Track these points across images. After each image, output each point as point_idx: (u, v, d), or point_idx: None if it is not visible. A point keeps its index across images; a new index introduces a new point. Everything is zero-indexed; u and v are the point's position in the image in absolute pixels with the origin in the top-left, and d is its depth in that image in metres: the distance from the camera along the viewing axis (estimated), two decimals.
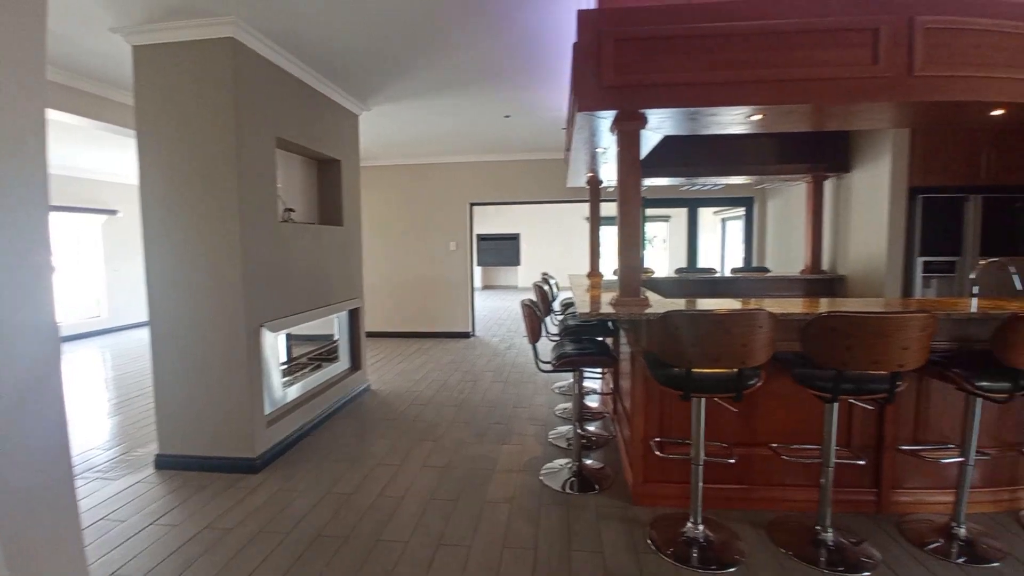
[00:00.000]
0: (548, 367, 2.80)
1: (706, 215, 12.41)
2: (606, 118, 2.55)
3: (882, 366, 1.91)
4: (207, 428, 3.14)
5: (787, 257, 5.92)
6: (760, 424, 2.58)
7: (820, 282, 4.57)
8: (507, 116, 5.32)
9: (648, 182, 5.28)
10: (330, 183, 4.47)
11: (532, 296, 3.42)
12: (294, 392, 3.72)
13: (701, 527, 2.33)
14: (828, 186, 4.70)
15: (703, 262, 10.36)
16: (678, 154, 4.79)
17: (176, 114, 3.02)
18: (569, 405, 4.15)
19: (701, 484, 2.29)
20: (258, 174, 3.20)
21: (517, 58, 3.64)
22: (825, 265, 4.71)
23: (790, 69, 2.27)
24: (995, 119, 2.70)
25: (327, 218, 4.45)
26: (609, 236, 3.68)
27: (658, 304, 2.60)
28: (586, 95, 2.35)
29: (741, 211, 7.59)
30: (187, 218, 3.05)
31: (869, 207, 4.11)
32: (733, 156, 4.80)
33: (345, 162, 4.47)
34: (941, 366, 2.19)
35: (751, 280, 4.74)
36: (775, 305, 2.57)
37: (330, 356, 4.49)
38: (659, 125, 2.75)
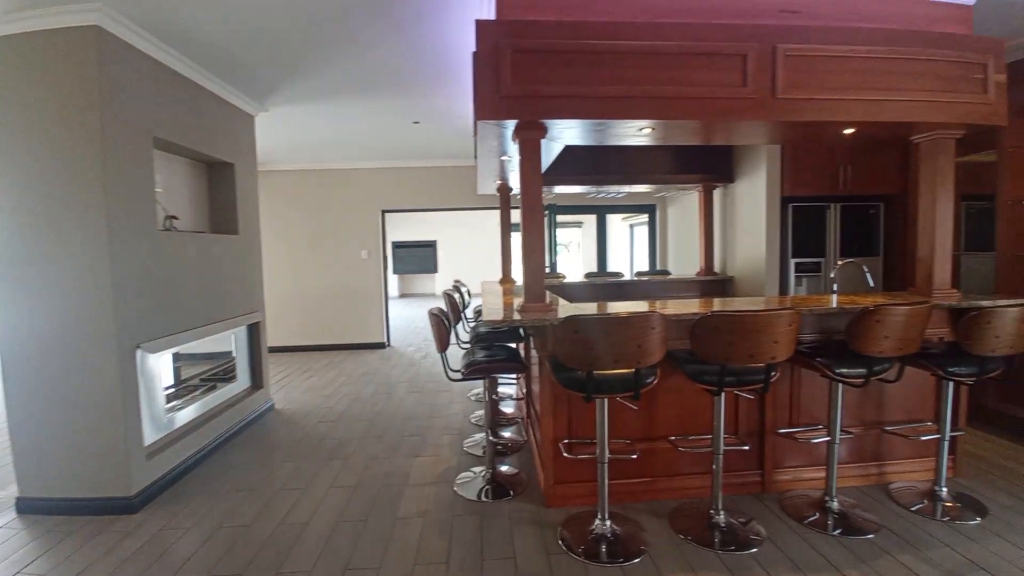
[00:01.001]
0: (458, 376, 2.77)
1: (615, 221, 13.07)
2: (507, 127, 2.58)
3: (757, 359, 2.10)
4: (74, 466, 2.76)
5: (686, 260, 6.37)
6: (659, 419, 2.73)
7: (713, 283, 4.96)
8: (416, 122, 5.25)
9: (558, 189, 5.46)
10: (223, 188, 4.13)
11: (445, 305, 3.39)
12: (183, 418, 3.38)
13: (608, 523, 2.41)
14: (717, 195, 5.12)
15: (614, 266, 10.89)
16: (586, 163, 4.99)
17: (32, 112, 2.65)
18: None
19: (607, 482, 2.38)
20: (131, 178, 2.89)
21: (424, 64, 3.61)
22: (717, 267, 5.12)
23: (674, 87, 2.44)
24: (850, 136, 3.08)
25: (220, 226, 4.12)
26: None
27: (563, 309, 2.67)
28: (485, 104, 2.37)
29: (645, 217, 8.06)
30: (44, 228, 2.67)
31: (750, 214, 4.54)
32: (635, 166, 5.08)
33: (240, 165, 4.17)
34: (808, 356, 2.44)
35: (653, 282, 5.03)
36: (672, 306, 2.74)
37: (227, 375, 4.14)
38: (560, 135, 2.84)
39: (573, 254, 15.35)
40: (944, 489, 2.64)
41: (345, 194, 7.19)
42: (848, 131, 2.85)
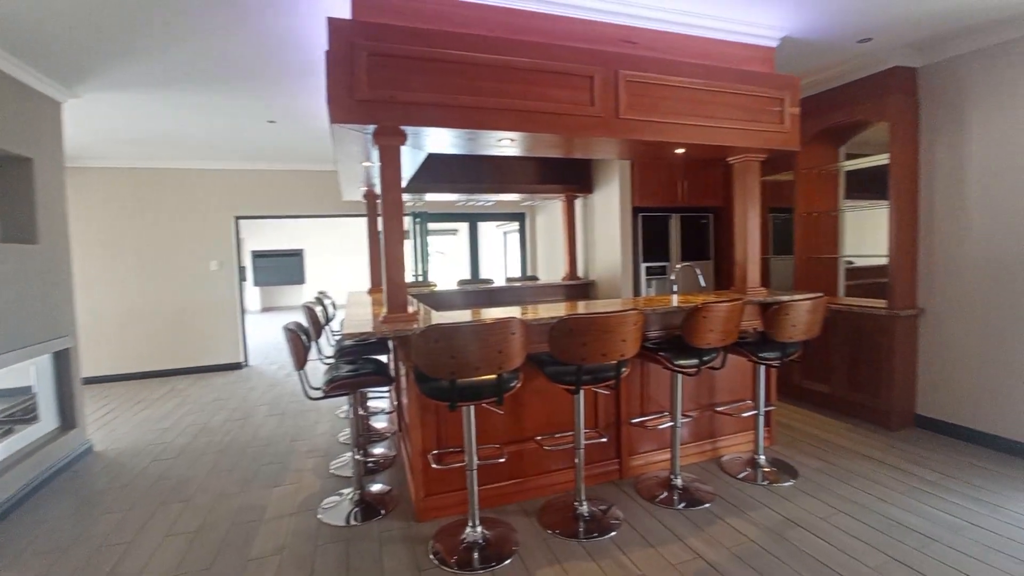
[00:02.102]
0: (318, 394, 2.59)
1: (490, 229, 13.36)
2: (366, 132, 2.50)
3: (609, 357, 2.27)
4: None
5: (554, 266, 6.72)
6: (526, 420, 2.82)
7: (577, 287, 5.29)
8: (272, 122, 4.85)
9: (430, 197, 5.43)
10: (16, 188, 3.41)
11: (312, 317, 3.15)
12: None
13: (480, 529, 2.43)
14: (579, 204, 5.49)
15: (490, 273, 11.10)
16: (456, 172, 5.03)
17: None
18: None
19: (477, 488, 2.39)
20: None
21: (276, 59, 3.34)
22: (580, 272, 5.48)
23: (529, 102, 2.56)
24: (683, 155, 3.49)
25: (12, 234, 3.39)
26: None
27: (427, 318, 2.64)
28: (339, 106, 2.26)
29: (517, 225, 8.35)
30: None
31: (607, 223, 4.93)
32: (503, 176, 5.24)
33: (40, 161, 3.48)
34: (653, 351, 2.71)
35: (523, 288, 5.22)
36: (534, 311, 2.85)
37: (26, 416, 3.42)
38: (422, 143, 2.82)
39: (450, 261, 15.37)
40: (763, 457, 3.10)
41: (191, 198, 6.38)
42: (680, 151, 3.23)
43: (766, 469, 3.05)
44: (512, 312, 2.75)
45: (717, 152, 3.31)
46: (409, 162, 3.64)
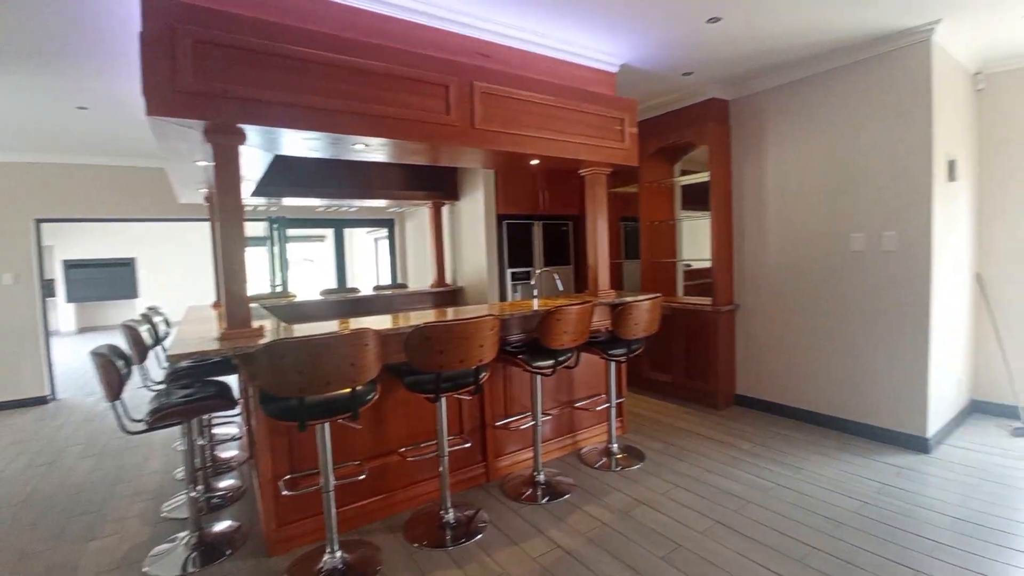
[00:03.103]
0: (141, 426, 2.25)
1: (360, 235, 12.81)
2: (191, 127, 2.23)
3: (468, 363, 2.31)
4: None
5: (424, 273, 6.65)
6: (389, 433, 2.74)
7: (445, 293, 5.30)
8: (83, 108, 4.13)
9: (289, 201, 5.03)
10: None
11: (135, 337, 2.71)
12: None
13: (339, 553, 2.30)
14: (446, 211, 5.50)
15: (362, 281, 10.64)
16: (317, 175, 4.74)
17: None
18: (196, 463, 3.49)
19: (335, 511, 2.26)
20: None
21: (86, 34, 2.84)
22: (449, 278, 5.49)
23: (385, 107, 2.51)
24: (541, 166, 3.68)
25: None
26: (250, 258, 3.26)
27: (278, 333, 2.44)
28: (157, 97, 2.00)
29: (387, 231, 8.12)
30: None
31: (473, 230, 5.01)
32: (369, 181, 5.06)
33: None
34: (513, 355, 2.81)
35: (391, 296, 5.09)
36: (402, 319, 2.79)
37: None
38: (266, 143, 2.61)
39: (319, 269, 14.40)
40: (615, 445, 3.38)
41: None
42: (535, 162, 3.40)
43: (619, 456, 3.33)
44: (371, 322, 2.66)
45: (569, 164, 3.55)
46: (257, 163, 3.35)
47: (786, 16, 2.97)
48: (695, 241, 4.95)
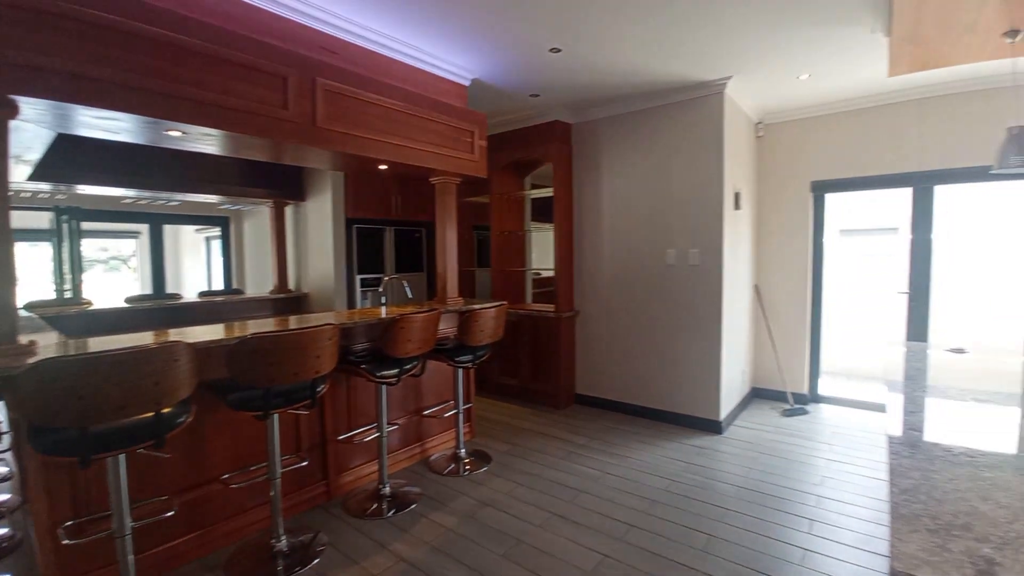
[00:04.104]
0: None
1: (188, 233, 11.20)
2: None
3: (303, 375, 2.16)
4: None
5: (266, 278, 6.07)
6: (209, 458, 2.44)
7: (287, 300, 4.90)
8: None
9: (85, 190, 4.20)
10: None
11: None
12: None
13: None
14: (290, 212, 5.10)
15: (188, 286, 9.29)
16: (125, 161, 4.04)
17: None
18: None
19: (132, 558, 1.93)
20: None
21: None
22: (292, 284, 5.10)
23: (202, 91, 2.24)
24: (392, 171, 3.60)
25: None
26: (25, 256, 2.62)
27: (56, 348, 2.03)
28: None
29: (220, 231, 7.23)
30: None
31: (320, 233, 4.73)
32: (196, 172, 4.47)
33: None
34: (356, 364, 2.70)
35: (223, 303, 4.54)
36: (242, 327, 2.49)
37: None
38: (64, 122, 2.16)
39: (133, 271, 12.20)
40: (463, 450, 3.44)
41: None
42: (383, 167, 3.33)
43: (466, 461, 3.39)
44: (196, 333, 2.35)
45: (419, 172, 3.54)
46: (36, 142, 2.76)
47: (614, 57, 3.35)
48: (545, 251, 5.30)
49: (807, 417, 4.30)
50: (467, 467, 3.33)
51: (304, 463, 2.67)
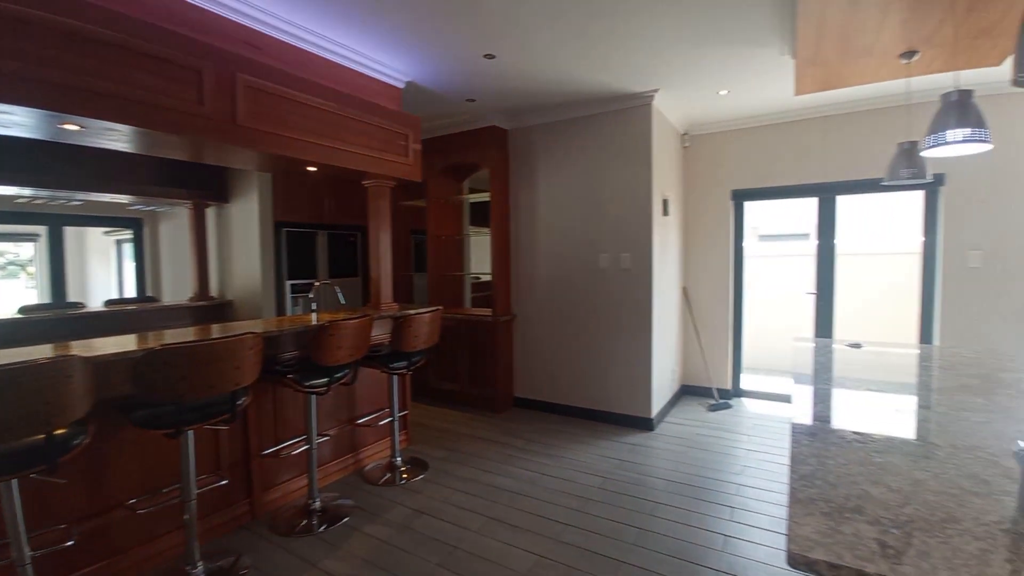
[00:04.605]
0: None
1: (96, 237, 10.25)
2: None
3: (220, 388, 2.03)
4: None
5: (184, 284, 5.66)
6: (113, 483, 2.24)
7: (209, 308, 4.60)
8: None
9: None
10: None
11: None
12: None
13: None
14: (211, 214, 4.80)
15: (94, 293, 8.49)
16: (18, 156, 3.64)
17: None
18: None
19: None
20: None
21: None
22: (214, 291, 4.79)
23: (103, 82, 2.06)
24: (324, 173, 3.47)
25: None
26: None
27: None
28: None
29: (132, 233, 6.67)
30: None
31: (246, 237, 4.49)
32: (103, 170, 4.11)
33: None
34: (281, 374, 2.58)
35: (131, 312, 4.19)
36: (155, 337, 2.29)
37: None
38: None
39: (31, 277, 10.96)
40: (399, 458, 3.36)
41: None
42: (311, 168, 3.21)
43: (402, 469, 3.32)
44: (99, 344, 2.14)
45: (351, 174, 3.44)
46: None
47: (547, 66, 3.41)
48: (485, 255, 5.30)
49: (730, 411, 4.57)
50: (403, 476, 3.26)
51: (224, 482, 2.50)
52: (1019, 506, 1.00)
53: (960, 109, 1.87)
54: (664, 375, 4.42)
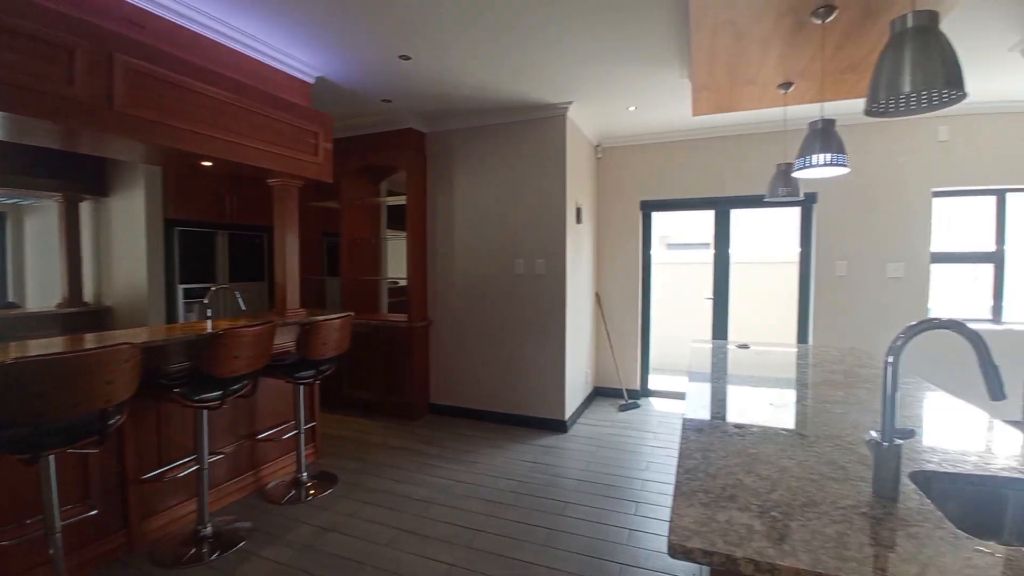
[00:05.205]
0: None
1: None
2: None
3: (86, 406, 1.80)
4: None
5: (54, 288, 4.99)
6: None
7: (82, 315, 4.10)
8: None
9: None
10: None
11: None
12: None
13: None
14: (87, 209, 4.28)
15: None
16: None
17: None
18: None
19: None
20: None
21: None
22: (89, 296, 4.27)
23: None
24: (227, 169, 3.21)
25: None
26: None
27: None
28: None
29: None
30: None
31: (129, 236, 4.05)
32: None
33: None
34: (167, 388, 2.34)
35: None
36: (15, 350, 1.97)
37: None
38: None
39: None
40: (305, 474, 3.18)
41: None
42: (207, 163, 2.97)
43: (309, 484, 3.14)
44: None
45: (253, 172, 3.23)
46: None
47: (464, 71, 3.42)
48: (403, 260, 5.17)
49: (639, 410, 4.81)
50: (310, 492, 3.09)
51: (93, 512, 2.22)
52: (873, 491, 1.14)
53: (824, 136, 2.12)
54: (577, 378, 4.57)
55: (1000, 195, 4.18)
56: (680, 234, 8.56)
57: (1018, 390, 3.77)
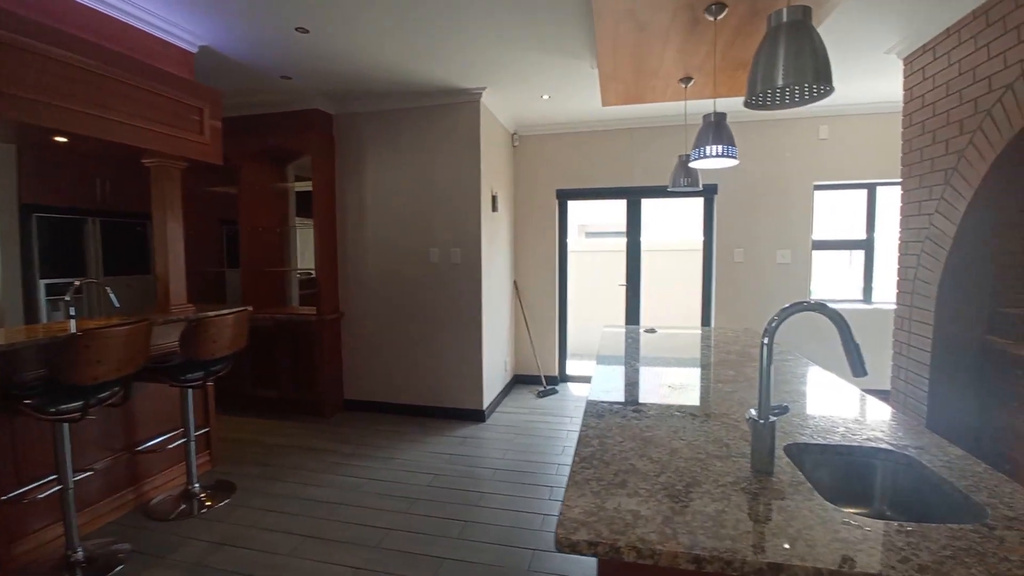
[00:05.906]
0: None
1: None
2: None
3: None
4: None
5: None
6: None
7: None
8: None
9: None
10: None
11: None
12: None
13: None
14: None
15: None
16: None
17: None
18: None
19: None
20: None
21: None
22: None
23: None
24: (95, 148, 2.81)
25: None
26: None
27: None
28: None
29: None
30: None
31: None
32: None
33: None
34: (16, 400, 2.02)
35: None
36: None
37: None
38: None
39: None
40: (198, 485, 2.91)
41: None
42: (61, 139, 2.58)
43: (202, 496, 2.88)
44: None
45: (124, 150, 2.86)
46: None
47: (371, 50, 3.23)
48: (311, 250, 4.86)
49: (557, 396, 4.91)
50: (204, 504, 2.83)
51: None
52: (752, 466, 1.19)
53: (716, 129, 2.22)
54: (496, 367, 4.56)
55: (871, 188, 4.67)
56: (598, 223, 8.80)
57: (886, 362, 4.26)
